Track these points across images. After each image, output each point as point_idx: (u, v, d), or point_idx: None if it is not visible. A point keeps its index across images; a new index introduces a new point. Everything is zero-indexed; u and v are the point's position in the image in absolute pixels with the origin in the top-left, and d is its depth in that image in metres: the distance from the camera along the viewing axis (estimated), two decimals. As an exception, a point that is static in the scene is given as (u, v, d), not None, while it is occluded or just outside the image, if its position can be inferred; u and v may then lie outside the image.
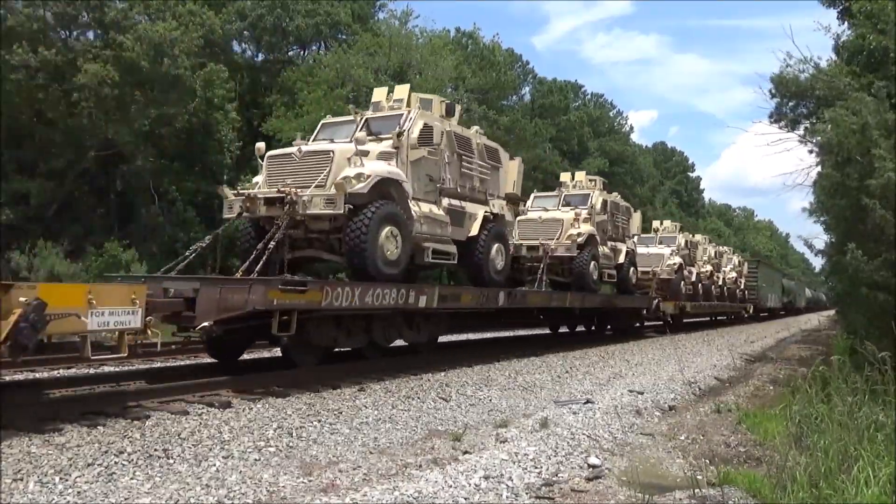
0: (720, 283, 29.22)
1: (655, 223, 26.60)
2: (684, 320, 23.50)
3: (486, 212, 11.46)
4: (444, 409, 7.30)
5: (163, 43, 21.11)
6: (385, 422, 6.47)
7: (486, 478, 4.68)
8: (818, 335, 25.28)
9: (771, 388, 10.30)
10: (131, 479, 4.40)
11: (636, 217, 19.86)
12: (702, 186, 76.73)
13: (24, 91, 19.82)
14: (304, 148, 9.33)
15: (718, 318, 31.55)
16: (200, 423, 5.80)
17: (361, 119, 10.31)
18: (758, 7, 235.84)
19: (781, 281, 47.21)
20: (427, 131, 10.14)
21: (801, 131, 13.37)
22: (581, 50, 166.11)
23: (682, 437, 6.52)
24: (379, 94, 11.22)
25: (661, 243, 23.80)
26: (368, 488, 4.37)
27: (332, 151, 9.02)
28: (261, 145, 10.04)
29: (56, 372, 8.53)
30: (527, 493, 4.48)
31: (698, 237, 29.65)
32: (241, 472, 4.66)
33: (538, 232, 15.31)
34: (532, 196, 17.38)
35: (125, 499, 4.04)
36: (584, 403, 7.69)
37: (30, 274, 16.59)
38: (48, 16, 21.01)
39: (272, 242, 8.34)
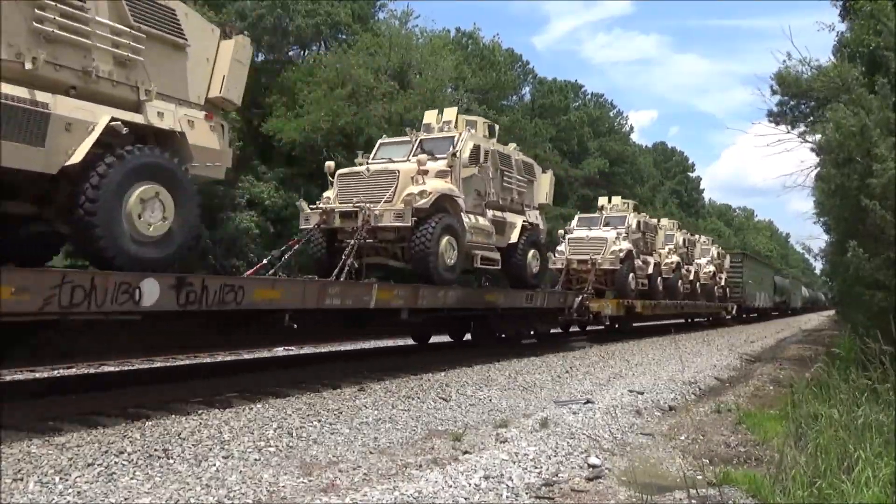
0: (691, 277, 24.58)
1: (602, 200, 21.63)
2: (636, 323, 20.06)
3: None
4: (444, 409, 7.30)
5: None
6: (385, 422, 6.47)
7: (486, 478, 4.68)
8: (818, 335, 25.28)
9: (771, 388, 10.30)
10: (131, 479, 4.40)
11: (545, 179, 15.81)
12: (702, 186, 76.82)
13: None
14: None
15: (696, 319, 27.86)
16: (200, 423, 5.80)
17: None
18: (758, 7, 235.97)
19: (773, 278, 43.03)
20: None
21: (801, 130, 13.39)
22: (581, 50, 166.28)
23: (682, 437, 6.51)
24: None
25: (606, 225, 19.43)
26: (368, 488, 4.37)
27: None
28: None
29: (56, 372, 8.53)
30: (527, 493, 4.48)
31: (664, 221, 24.98)
32: (241, 472, 4.66)
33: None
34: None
35: (125, 499, 4.04)
36: (584, 403, 7.69)
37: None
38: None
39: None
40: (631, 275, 18.23)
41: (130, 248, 6.05)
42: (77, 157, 5.71)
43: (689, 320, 27.43)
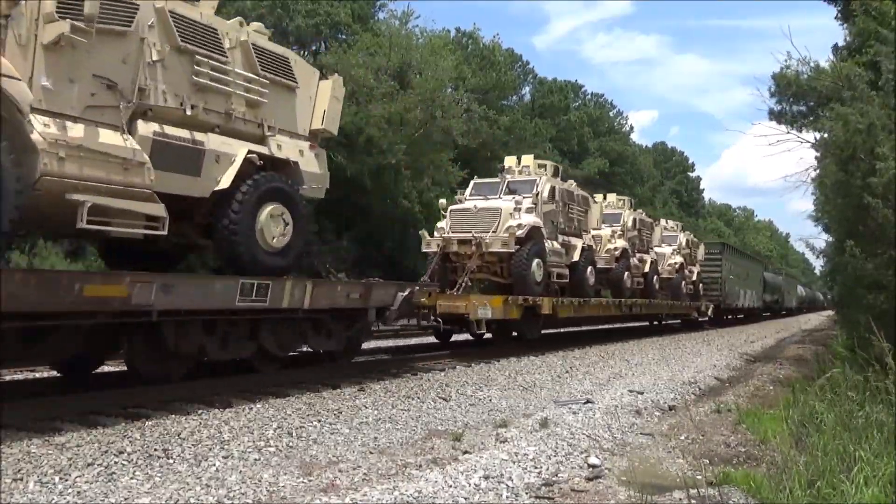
0: (646, 269, 19.86)
1: (509, 160, 16.17)
2: (545, 331, 14.89)
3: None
4: (444, 409, 7.30)
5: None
6: (385, 422, 6.47)
7: (486, 478, 4.67)
8: (818, 335, 25.29)
9: (771, 388, 10.30)
10: (131, 478, 4.40)
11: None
12: (702, 186, 76.79)
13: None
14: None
15: (668, 321, 24.45)
16: (200, 423, 5.80)
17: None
18: (758, 7, 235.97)
19: (762, 274, 38.10)
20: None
21: (801, 130, 13.38)
22: (581, 50, 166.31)
23: (682, 437, 6.51)
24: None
25: (510, 193, 14.12)
26: (368, 488, 4.37)
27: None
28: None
29: (56, 372, 8.52)
30: (527, 493, 4.48)
31: (611, 197, 20.76)
32: (241, 471, 4.66)
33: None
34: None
35: (125, 499, 4.04)
36: (584, 403, 7.69)
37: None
38: None
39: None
40: (537, 261, 13.29)
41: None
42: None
43: (656, 323, 24.03)
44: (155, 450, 4.99)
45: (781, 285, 44.84)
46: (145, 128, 6.42)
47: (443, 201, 14.66)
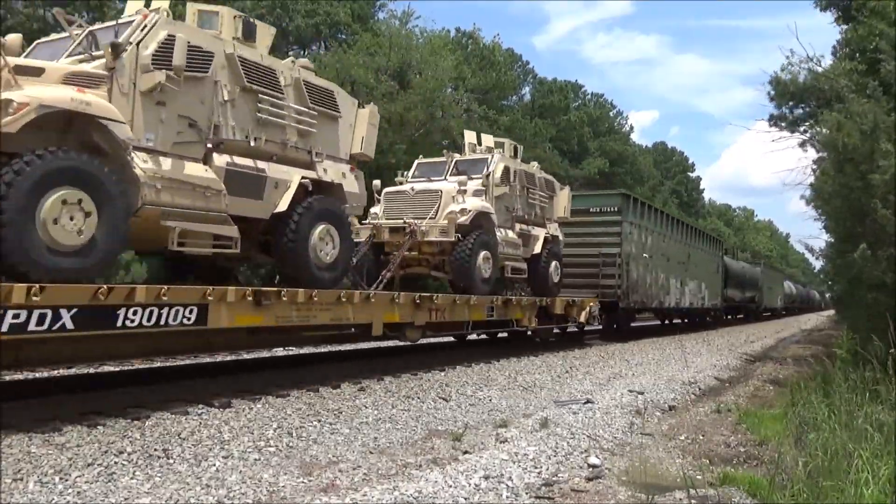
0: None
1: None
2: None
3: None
4: (444, 409, 7.31)
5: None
6: (385, 422, 6.47)
7: (486, 478, 4.67)
8: (819, 335, 25.29)
9: (771, 388, 10.30)
10: (131, 479, 4.40)
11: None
12: (702, 186, 76.70)
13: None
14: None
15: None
16: (200, 423, 5.80)
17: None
18: (758, 7, 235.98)
19: (720, 261, 27.32)
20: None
21: (801, 132, 13.39)
22: (581, 50, 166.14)
23: (682, 437, 6.52)
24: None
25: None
26: (368, 488, 4.37)
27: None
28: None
29: (56, 372, 8.53)
30: (527, 493, 4.48)
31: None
32: (241, 472, 4.66)
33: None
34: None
35: (125, 499, 4.04)
36: (584, 403, 7.69)
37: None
38: (48, 16, 21.01)
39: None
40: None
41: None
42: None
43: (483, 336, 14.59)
44: (155, 450, 4.99)
45: (758, 279, 34.94)
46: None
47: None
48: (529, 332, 13.84)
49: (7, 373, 7.68)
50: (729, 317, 32.42)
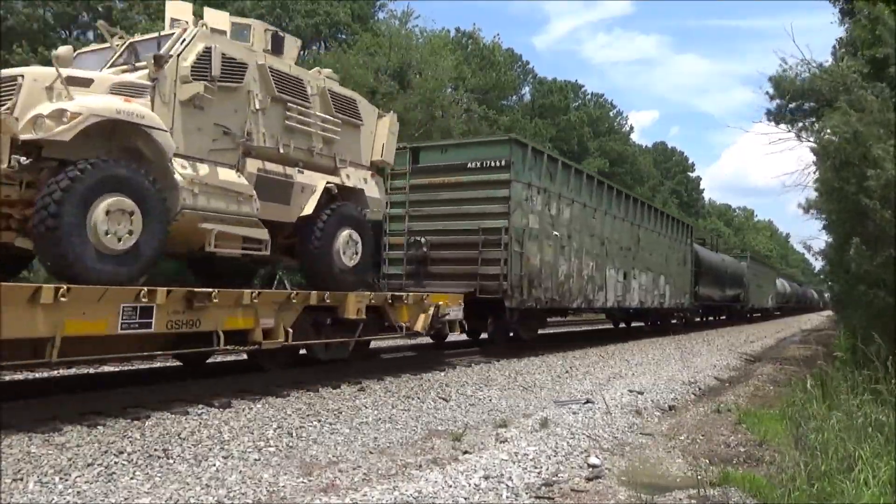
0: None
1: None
2: None
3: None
4: (444, 409, 7.30)
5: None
6: (385, 422, 6.47)
7: (486, 478, 4.68)
8: (818, 335, 25.30)
9: (771, 388, 10.30)
10: (131, 479, 4.40)
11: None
12: (702, 186, 76.72)
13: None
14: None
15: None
16: (200, 423, 5.80)
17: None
18: (758, 7, 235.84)
19: (688, 251, 22.24)
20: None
21: (800, 127, 13.38)
22: (581, 50, 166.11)
23: (682, 437, 6.52)
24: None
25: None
26: (368, 488, 4.37)
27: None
28: None
29: (56, 372, 8.52)
30: (527, 493, 4.48)
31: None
32: (241, 472, 4.66)
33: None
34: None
35: (125, 499, 4.04)
36: (584, 403, 7.69)
37: (29, 274, 16.54)
38: (48, 16, 21.02)
39: None
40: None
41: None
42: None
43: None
44: (155, 450, 4.99)
45: (743, 274, 30.34)
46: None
47: None
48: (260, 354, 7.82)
49: (7, 373, 7.68)
50: (710, 318, 28.25)
